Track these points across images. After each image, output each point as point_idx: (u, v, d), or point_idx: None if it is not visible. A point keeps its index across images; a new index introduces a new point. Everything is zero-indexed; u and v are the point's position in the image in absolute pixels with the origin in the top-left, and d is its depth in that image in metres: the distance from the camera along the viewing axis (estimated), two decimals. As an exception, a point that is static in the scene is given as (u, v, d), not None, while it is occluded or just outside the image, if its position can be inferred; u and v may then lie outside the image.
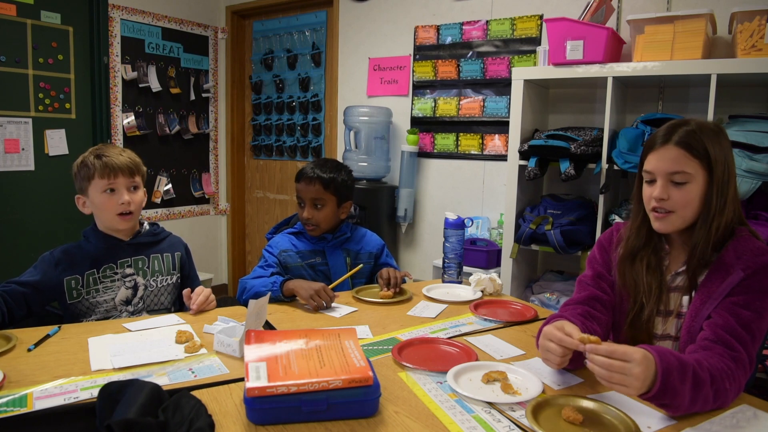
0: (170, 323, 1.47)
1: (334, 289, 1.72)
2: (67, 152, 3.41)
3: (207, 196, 4.36)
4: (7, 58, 3.13)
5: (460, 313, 1.62)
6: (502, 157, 2.97)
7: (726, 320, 1.11)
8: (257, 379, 0.96)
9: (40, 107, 3.30)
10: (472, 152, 3.16)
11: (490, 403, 1.04)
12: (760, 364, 1.92)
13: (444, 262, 1.96)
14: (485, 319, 1.56)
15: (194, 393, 1.01)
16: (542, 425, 0.94)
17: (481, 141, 3.12)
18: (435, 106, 3.29)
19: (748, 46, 2.04)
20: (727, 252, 1.18)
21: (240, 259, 4.59)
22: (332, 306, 1.65)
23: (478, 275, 1.84)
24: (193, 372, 1.16)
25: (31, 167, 3.30)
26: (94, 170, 1.60)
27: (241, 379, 1.08)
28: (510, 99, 2.77)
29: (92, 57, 3.52)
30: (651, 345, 1.02)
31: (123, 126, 3.71)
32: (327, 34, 3.88)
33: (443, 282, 1.96)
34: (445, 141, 3.26)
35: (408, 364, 1.20)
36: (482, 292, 1.82)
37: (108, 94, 3.59)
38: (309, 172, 1.88)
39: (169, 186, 4.05)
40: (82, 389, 1.06)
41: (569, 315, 1.24)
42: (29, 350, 1.25)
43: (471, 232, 3.02)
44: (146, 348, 1.27)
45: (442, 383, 1.13)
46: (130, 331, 1.40)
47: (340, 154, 3.62)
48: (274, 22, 4.17)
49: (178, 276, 1.78)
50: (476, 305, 1.66)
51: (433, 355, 1.27)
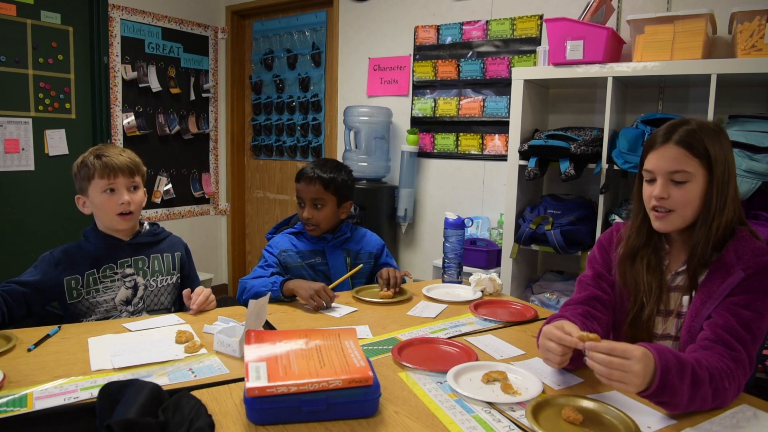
0: (170, 323, 1.47)
1: (334, 289, 1.72)
2: (67, 152, 3.41)
3: (207, 196, 4.36)
4: (7, 58, 3.13)
5: (460, 313, 1.62)
6: (502, 157, 2.97)
7: (726, 320, 1.11)
8: (257, 379, 0.96)
9: (40, 107, 3.30)
10: (472, 152, 3.16)
11: (490, 403, 1.04)
12: (760, 364, 1.92)
13: (444, 262, 1.96)
14: (485, 319, 1.56)
15: (194, 393, 1.01)
16: (542, 425, 0.94)
17: (481, 141, 3.12)
18: (435, 106, 3.29)
19: (748, 46, 2.04)
20: (727, 252, 1.18)
21: (240, 259, 4.59)
22: (332, 306, 1.65)
23: (478, 275, 1.84)
24: (193, 372, 1.16)
25: (31, 167, 3.30)
26: (94, 170, 1.60)
27: (241, 379, 1.08)
28: (510, 99, 2.77)
29: (92, 57, 3.52)
30: (650, 343, 1.02)
31: (123, 126, 3.71)
32: (327, 34, 3.88)
33: (443, 282, 1.96)
34: (445, 141, 3.26)
35: (408, 364, 1.20)
36: (482, 292, 1.82)
37: (108, 94, 3.59)
38: (309, 172, 1.88)
39: (169, 186, 4.05)
40: (82, 389, 1.06)
41: (569, 315, 1.24)
42: (29, 350, 1.25)
43: (471, 232, 3.02)
44: (146, 348, 1.27)
45: (442, 383, 1.13)
46: (130, 331, 1.40)
47: (340, 154, 3.62)
48: (274, 22, 4.17)
49: (178, 276, 1.78)
50: (476, 305, 1.66)
51: (433, 355, 1.27)
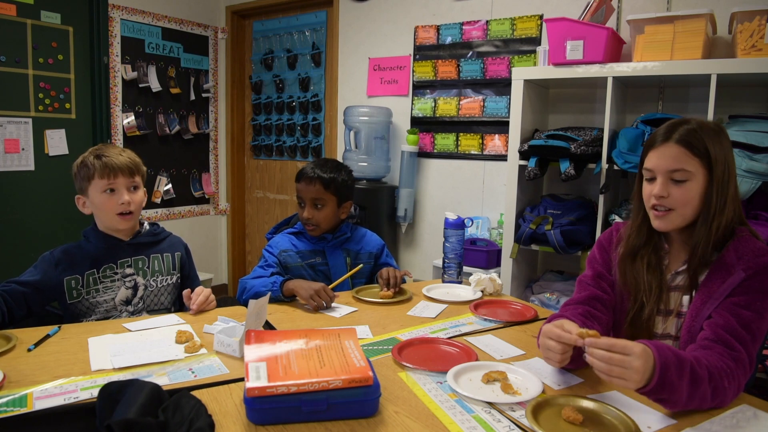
0: (170, 323, 1.47)
1: (334, 289, 1.72)
2: (67, 152, 3.41)
3: (207, 196, 4.36)
4: (7, 58, 3.13)
5: (460, 313, 1.62)
6: (502, 157, 2.97)
7: (726, 320, 1.12)
8: (257, 379, 0.96)
9: (40, 107, 3.30)
10: (472, 152, 3.16)
11: (490, 403, 1.04)
12: (760, 364, 1.92)
13: (444, 262, 1.96)
14: (485, 319, 1.56)
15: (194, 393, 1.01)
16: (542, 425, 0.94)
17: (481, 141, 3.12)
18: (435, 106, 3.29)
19: (748, 46, 2.04)
20: (727, 252, 1.18)
21: (240, 259, 4.59)
22: (332, 306, 1.65)
23: (478, 275, 1.84)
24: (193, 372, 1.16)
25: (31, 167, 3.30)
26: (94, 170, 1.60)
27: (241, 379, 1.08)
28: (510, 99, 2.77)
29: (92, 57, 3.52)
30: (650, 340, 1.02)
31: (123, 126, 3.71)
32: (327, 34, 3.88)
33: (443, 282, 1.96)
34: (445, 141, 3.26)
35: (408, 364, 1.20)
36: (482, 292, 1.82)
37: (108, 94, 3.59)
38: (309, 172, 1.88)
39: (169, 186, 4.05)
40: (82, 389, 1.06)
41: (570, 315, 1.25)
42: (29, 350, 1.25)
43: (471, 232, 3.01)
44: (146, 348, 1.27)
45: (442, 383, 1.13)
46: (130, 331, 1.40)
47: (340, 154, 3.62)
48: (274, 22, 4.17)
49: (178, 276, 1.78)
50: (476, 305, 1.66)
51: (433, 355, 1.27)
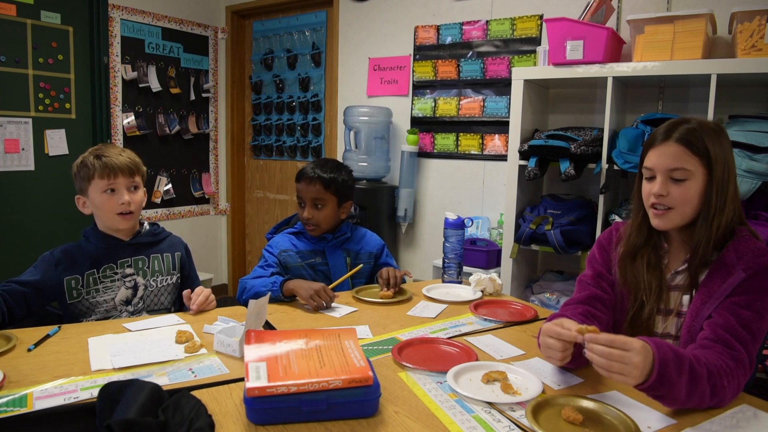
0: (170, 323, 1.47)
1: (334, 289, 1.72)
2: (67, 152, 3.41)
3: (207, 196, 4.36)
4: (7, 58, 3.13)
5: (460, 313, 1.62)
6: (502, 157, 2.97)
7: (726, 320, 1.12)
8: (257, 379, 0.96)
9: (40, 107, 3.30)
10: (472, 152, 3.16)
11: (490, 403, 1.04)
12: (760, 364, 1.92)
13: (444, 262, 1.96)
14: (485, 319, 1.56)
15: (194, 393, 1.01)
16: (542, 425, 0.94)
17: (481, 141, 3.12)
18: (435, 106, 3.29)
19: (748, 46, 2.04)
20: (728, 252, 1.18)
21: (240, 259, 4.59)
22: (332, 306, 1.65)
23: (478, 275, 1.84)
24: (193, 372, 1.16)
25: (31, 167, 3.30)
26: (94, 170, 1.60)
27: (241, 379, 1.08)
28: (510, 99, 2.77)
29: (92, 57, 3.52)
30: (649, 337, 1.02)
31: (123, 126, 3.71)
32: (327, 34, 3.88)
33: (443, 282, 1.96)
34: (445, 141, 3.26)
35: (408, 364, 1.20)
36: (482, 292, 1.82)
37: (108, 94, 3.59)
38: (309, 172, 1.88)
39: (169, 186, 4.05)
40: (82, 389, 1.06)
41: (570, 314, 1.25)
42: (29, 350, 1.25)
43: (471, 232, 3.02)
44: (146, 348, 1.27)
45: (442, 383, 1.13)
46: (130, 331, 1.40)
47: (340, 154, 3.62)
48: (274, 22, 4.17)
49: (178, 276, 1.78)
50: (476, 305, 1.66)
51: (433, 355, 1.27)
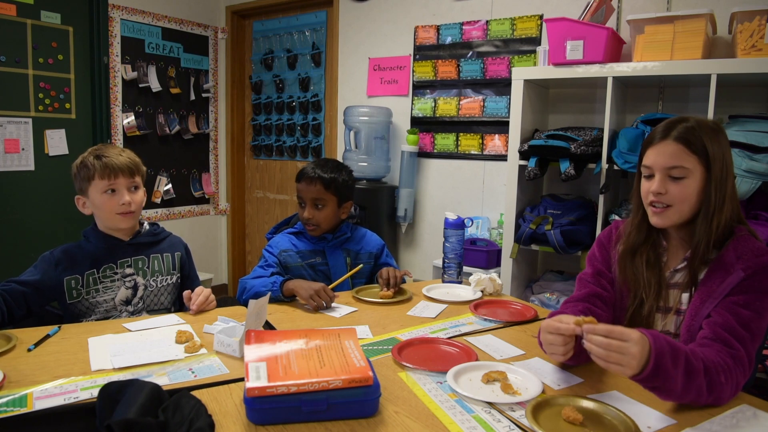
0: (170, 323, 1.47)
1: (334, 289, 1.72)
2: (67, 152, 3.41)
3: (207, 196, 4.36)
4: (7, 58, 3.13)
5: (460, 313, 1.62)
6: (502, 157, 2.97)
7: (725, 319, 1.12)
8: (257, 379, 0.96)
9: (40, 107, 3.30)
10: (472, 152, 3.16)
11: (490, 403, 1.04)
12: (760, 364, 1.92)
13: (444, 262, 1.96)
14: (485, 319, 1.56)
15: (194, 393, 1.01)
16: (542, 425, 0.94)
17: (481, 141, 3.12)
18: (435, 106, 3.29)
19: (748, 46, 2.04)
20: (727, 251, 1.18)
21: (240, 259, 4.59)
22: (332, 306, 1.65)
23: (478, 275, 1.84)
24: (193, 372, 1.16)
25: (31, 167, 3.30)
26: (94, 171, 1.60)
27: (241, 379, 1.08)
28: (510, 99, 2.77)
29: (92, 57, 3.52)
30: (645, 329, 1.03)
31: (123, 126, 3.71)
32: (327, 34, 3.88)
33: (443, 282, 1.96)
34: (445, 141, 3.26)
35: (408, 364, 1.20)
36: (482, 292, 1.82)
37: (108, 94, 3.59)
38: (310, 172, 1.88)
39: (169, 186, 4.05)
40: (82, 389, 1.06)
41: (570, 312, 1.25)
42: (29, 350, 1.25)
43: (471, 232, 3.02)
44: (146, 348, 1.27)
45: (442, 383, 1.13)
46: (130, 331, 1.40)
47: (340, 154, 3.62)
48: (274, 22, 4.17)
49: (178, 276, 1.78)
50: (476, 305, 1.66)
51: (433, 355, 1.27)
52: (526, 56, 2.91)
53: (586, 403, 1.01)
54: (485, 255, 2.79)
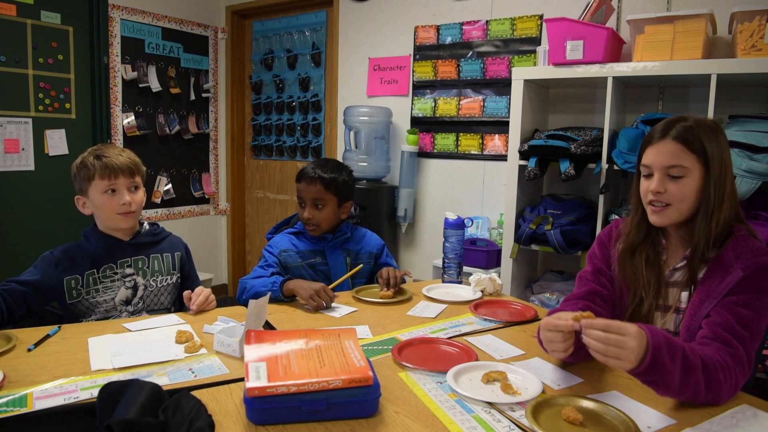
0: (170, 323, 1.47)
1: (334, 289, 1.72)
2: (67, 152, 3.41)
3: (207, 196, 4.36)
4: (7, 58, 3.13)
5: (460, 313, 1.62)
6: (502, 157, 2.97)
7: (725, 319, 1.12)
8: (257, 379, 0.96)
9: (40, 107, 3.30)
10: (472, 152, 3.16)
11: (490, 403, 1.04)
12: (760, 364, 1.92)
13: (444, 262, 1.96)
14: (485, 319, 1.56)
15: (194, 393, 1.01)
16: (542, 425, 0.94)
17: (481, 141, 3.12)
18: (435, 106, 3.29)
19: (748, 46, 2.04)
20: (726, 251, 1.19)
21: (240, 259, 4.59)
22: (332, 306, 1.65)
23: (478, 275, 1.84)
24: (193, 372, 1.16)
25: (31, 167, 3.30)
26: (94, 171, 1.60)
27: (241, 379, 1.08)
28: (510, 99, 2.77)
29: (92, 57, 3.52)
30: (642, 323, 1.03)
31: (123, 126, 3.71)
32: (327, 34, 3.88)
33: (443, 282, 1.96)
34: (445, 141, 3.26)
35: (408, 364, 1.20)
36: (482, 292, 1.82)
37: (108, 94, 3.59)
38: (310, 172, 1.88)
39: (169, 186, 4.05)
40: (82, 389, 1.06)
41: (569, 309, 1.25)
42: (29, 350, 1.25)
43: (471, 232, 3.02)
44: (146, 348, 1.27)
45: (442, 383, 1.13)
46: (130, 331, 1.40)
47: (340, 154, 3.62)
48: (274, 22, 4.17)
49: (178, 276, 1.78)
50: (476, 305, 1.66)
51: (433, 355, 1.27)
52: (526, 56, 2.91)
53: (586, 403, 1.01)
54: (485, 255, 2.79)
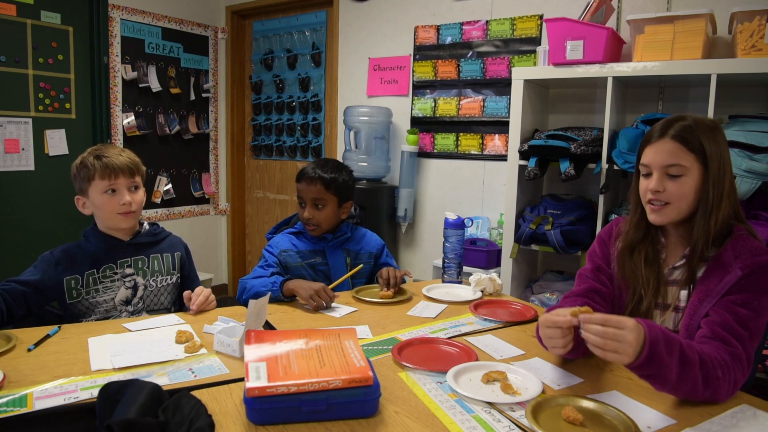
0: (170, 323, 1.47)
1: (334, 289, 1.72)
2: (67, 152, 3.41)
3: (207, 196, 4.36)
4: (7, 58, 3.14)
5: (460, 313, 1.62)
6: (502, 157, 2.97)
7: (724, 318, 1.12)
8: (257, 379, 0.96)
9: (40, 107, 3.30)
10: (472, 152, 3.16)
11: (490, 403, 1.04)
12: (760, 364, 1.92)
13: (444, 262, 1.96)
14: (485, 319, 1.56)
15: (194, 393, 1.01)
16: (542, 425, 0.94)
17: (481, 141, 3.12)
18: (435, 106, 3.29)
19: (748, 46, 2.04)
20: (725, 250, 1.19)
21: (240, 259, 4.59)
22: (332, 306, 1.65)
23: (478, 275, 1.84)
24: (193, 372, 1.16)
25: (31, 167, 3.30)
26: (95, 171, 1.60)
27: (241, 379, 1.08)
28: (510, 99, 2.77)
29: (92, 57, 3.52)
30: (640, 318, 1.03)
31: (123, 126, 3.71)
32: (327, 34, 3.88)
33: (443, 282, 1.96)
34: (445, 141, 3.26)
35: (408, 364, 1.20)
36: (482, 292, 1.82)
37: (108, 94, 3.59)
38: (310, 172, 1.88)
39: (169, 186, 4.05)
40: (82, 389, 1.06)
41: (568, 306, 1.25)
42: (29, 350, 1.25)
43: (471, 232, 3.02)
44: (146, 348, 1.27)
45: (442, 383, 1.13)
46: (130, 331, 1.40)
47: (340, 154, 3.62)
48: (274, 22, 4.17)
49: (178, 276, 1.78)
50: (476, 305, 1.66)
51: (433, 355, 1.27)
52: (526, 56, 2.91)
53: (586, 403, 1.01)
54: (485, 255, 2.79)
